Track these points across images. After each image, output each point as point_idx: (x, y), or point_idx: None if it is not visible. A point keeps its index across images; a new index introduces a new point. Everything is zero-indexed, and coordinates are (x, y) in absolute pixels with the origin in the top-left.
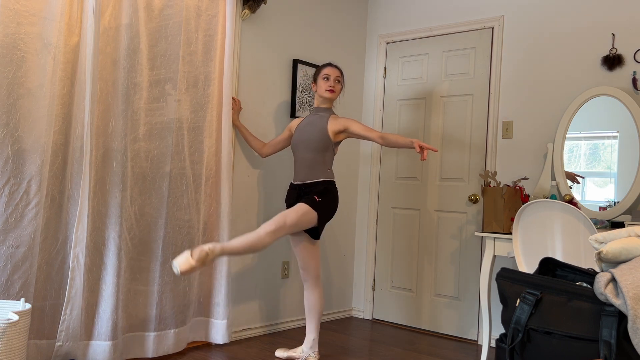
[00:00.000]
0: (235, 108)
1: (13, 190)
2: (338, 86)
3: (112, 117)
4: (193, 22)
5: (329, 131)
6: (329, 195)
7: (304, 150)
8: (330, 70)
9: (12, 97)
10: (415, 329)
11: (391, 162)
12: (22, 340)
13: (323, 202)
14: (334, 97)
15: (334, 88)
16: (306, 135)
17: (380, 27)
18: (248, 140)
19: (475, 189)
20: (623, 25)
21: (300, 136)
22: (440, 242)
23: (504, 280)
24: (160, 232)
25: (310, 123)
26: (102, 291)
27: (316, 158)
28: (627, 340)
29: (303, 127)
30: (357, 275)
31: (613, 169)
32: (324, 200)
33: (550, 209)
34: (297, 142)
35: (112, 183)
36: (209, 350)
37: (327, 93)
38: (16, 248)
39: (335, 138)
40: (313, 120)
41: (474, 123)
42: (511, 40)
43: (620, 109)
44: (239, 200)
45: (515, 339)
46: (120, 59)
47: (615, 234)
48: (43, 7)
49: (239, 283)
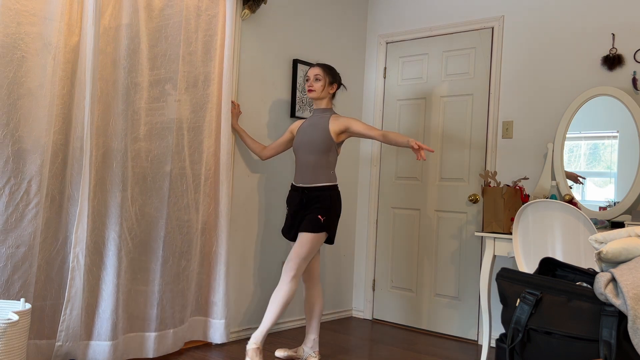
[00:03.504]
0: (235, 112)
1: (13, 190)
2: (317, 84)
3: (112, 117)
4: (193, 22)
5: (330, 132)
6: (333, 207)
7: (307, 152)
8: (310, 70)
9: (12, 97)
10: (415, 329)
11: (391, 162)
12: (22, 340)
13: (328, 218)
14: (314, 96)
15: (313, 87)
16: (308, 137)
17: (380, 27)
18: (247, 144)
19: (475, 189)
20: (623, 25)
21: (302, 138)
22: (440, 242)
23: (504, 280)
24: (161, 232)
25: (311, 124)
26: (102, 291)
27: (319, 160)
28: (627, 340)
29: (305, 129)
30: (357, 275)
31: (613, 169)
32: (328, 217)
33: (550, 209)
34: (299, 144)
35: (112, 183)
36: (208, 350)
37: (308, 94)
38: (16, 248)
39: (337, 139)
40: (314, 121)
41: (474, 123)
42: (511, 40)
43: (620, 109)
44: (239, 200)
45: (515, 339)
46: (120, 59)
47: (615, 234)
48: (43, 7)
49: (239, 283)
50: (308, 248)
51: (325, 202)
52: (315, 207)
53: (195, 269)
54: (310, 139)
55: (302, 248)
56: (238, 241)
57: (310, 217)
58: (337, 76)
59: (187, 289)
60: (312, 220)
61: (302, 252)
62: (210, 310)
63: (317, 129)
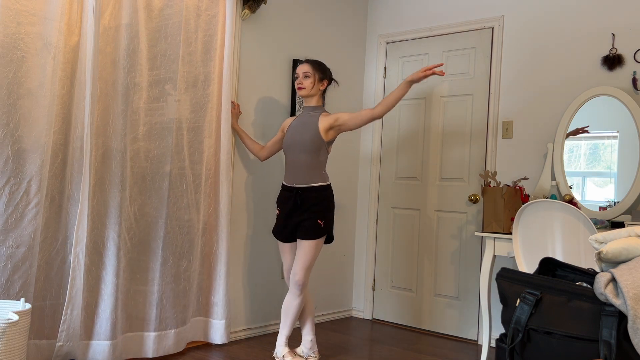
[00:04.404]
0: (235, 112)
1: (13, 190)
2: (307, 82)
3: (112, 117)
4: (193, 22)
5: (320, 131)
6: (329, 208)
7: (297, 151)
8: (299, 68)
9: (12, 97)
10: (415, 329)
11: (391, 162)
12: (22, 340)
13: (327, 221)
14: (304, 94)
15: (302, 85)
16: (298, 137)
17: (380, 27)
18: (247, 144)
19: (475, 189)
20: (623, 25)
21: (293, 137)
22: (440, 242)
23: (504, 280)
24: (160, 232)
25: (301, 123)
26: (102, 291)
27: (310, 160)
28: (627, 340)
29: (294, 128)
30: (357, 275)
31: (613, 169)
32: (327, 220)
33: (550, 209)
34: (289, 143)
35: (112, 183)
36: (209, 350)
37: (298, 92)
38: (16, 248)
39: (327, 137)
40: (304, 120)
41: (474, 123)
42: (511, 40)
43: (620, 109)
44: (239, 200)
45: (515, 339)
46: (120, 59)
47: (615, 234)
48: (43, 7)
49: (239, 283)
50: (312, 255)
51: (322, 204)
52: (312, 211)
53: (196, 269)
54: (301, 138)
55: (307, 256)
56: (238, 241)
57: (309, 224)
58: (327, 72)
59: (188, 289)
60: (312, 227)
61: (307, 261)
62: (211, 311)
63: (307, 127)
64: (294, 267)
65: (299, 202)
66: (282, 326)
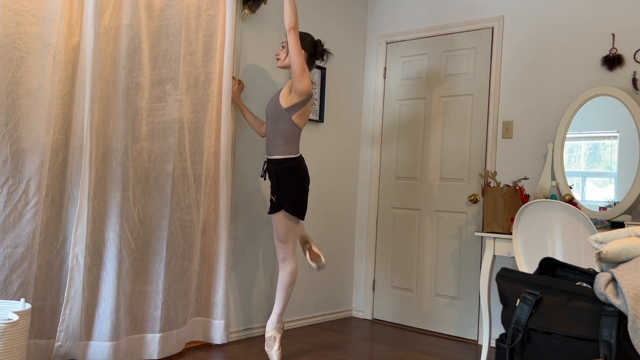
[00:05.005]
0: (236, 86)
1: (11, 190)
2: (282, 52)
3: (112, 117)
4: (193, 22)
5: (280, 96)
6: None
7: (268, 122)
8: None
9: (11, 97)
10: (415, 329)
11: (391, 162)
12: (22, 340)
13: (279, 196)
14: (279, 65)
15: (278, 55)
16: (269, 107)
17: (380, 27)
18: (248, 119)
19: (475, 189)
20: (623, 25)
21: (267, 108)
22: (440, 242)
23: (504, 280)
24: (164, 232)
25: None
26: (102, 291)
27: (274, 131)
28: (627, 340)
29: (270, 100)
30: (357, 275)
31: (613, 169)
32: (280, 194)
33: (550, 209)
34: (266, 115)
35: (112, 183)
36: (209, 350)
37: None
38: (14, 248)
39: (286, 102)
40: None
41: (474, 123)
42: (511, 40)
43: (620, 109)
44: (239, 200)
45: (515, 339)
46: (121, 59)
47: (615, 234)
48: (43, 7)
49: (239, 283)
50: (279, 229)
51: (277, 177)
52: (272, 183)
53: (196, 270)
54: (268, 108)
55: (274, 230)
56: (238, 241)
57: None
58: (305, 42)
59: (189, 290)
60: (270, 202)
61: (276, 234)
62: (211, 311)
63: (273, 98)
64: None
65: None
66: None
